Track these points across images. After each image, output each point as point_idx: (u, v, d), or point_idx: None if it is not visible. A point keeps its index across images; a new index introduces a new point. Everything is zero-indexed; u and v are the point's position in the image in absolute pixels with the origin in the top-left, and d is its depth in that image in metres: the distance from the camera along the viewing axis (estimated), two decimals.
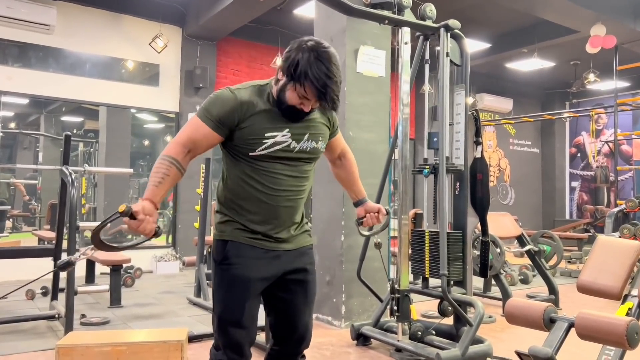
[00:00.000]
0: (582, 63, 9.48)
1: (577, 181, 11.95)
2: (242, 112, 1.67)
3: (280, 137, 1.70)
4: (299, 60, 1.64)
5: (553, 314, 2.10)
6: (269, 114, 1.70)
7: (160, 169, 1.62)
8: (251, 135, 1.68)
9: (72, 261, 1.86)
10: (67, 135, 3.82)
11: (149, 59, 7.08)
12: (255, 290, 1.75)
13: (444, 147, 3.16)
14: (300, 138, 1.74)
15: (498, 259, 4.41)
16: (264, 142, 1.68)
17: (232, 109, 1.67)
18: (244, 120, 1.67)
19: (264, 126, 1.69)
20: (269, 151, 1.69)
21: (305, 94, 1.65)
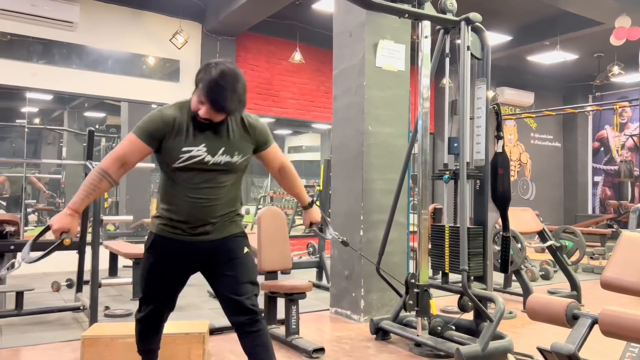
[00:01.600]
0: (606, 55, 9.29)
1: (600, 176, 11.75)
2: (166, 128, 1.96)
3: (195, 152, 1.97)
4: (203, 71, 1.96)
5: (576, 310, 2.08)
6: (188, 129, 1.98)
7: (92, 181, 1.95)
8: (172, 149, 1.97)
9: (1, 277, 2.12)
10: (90, 131, 3.89)
11: (170, 54, 7.15)
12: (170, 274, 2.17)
13: (465, 152, 3.12)
14: (215, 152, 1.99)
15: (519, 255, 4.37)
16: (181, 157, 1.96)
17: (158, 126, 1.96)
18: (167, 135, 1.96)
19: (182, 141, 1.97)
20: (186, 164, 1.97)
21: (202, 99, 1.92)
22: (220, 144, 2.01)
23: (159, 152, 2.00)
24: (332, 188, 4.50)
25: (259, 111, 8.02)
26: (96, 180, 1.95)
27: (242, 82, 1.97)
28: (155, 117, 1.99)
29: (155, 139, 1.97)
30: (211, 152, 1.99)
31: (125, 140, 1.99)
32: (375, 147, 3.99)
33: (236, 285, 2.08)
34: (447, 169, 3.33)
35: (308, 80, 8.42)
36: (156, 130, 1.97)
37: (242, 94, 1.96)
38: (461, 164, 3.12)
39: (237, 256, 2.12)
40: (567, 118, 11.74)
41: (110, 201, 9.88)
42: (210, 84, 1.89)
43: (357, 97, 4.03)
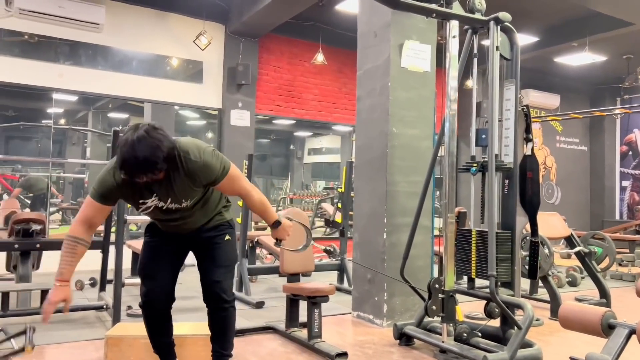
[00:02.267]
0: (636, 57, 9.06)
1: (628, 180, 11.46)
2: (118, 191, 2.15)
3: (150, 202, 2.20)
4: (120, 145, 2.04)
5: (612, 319, 2.00)
6: (137, 187, 2.14)
7: (69, 250, 2.15)
8: (130, 202, 2.27)
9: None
10: (115, 131, 3.91)
11: (193, 56, 7.19)
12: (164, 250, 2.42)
13: (493, 144, 3.05)
14: (165, 200, 2.21)
15: (546, 260, 4.26)
16: (140, 207, 2.23)
17: (111, 190, 2.14)
18: (122, 195, 2.20)
19: (136, 196, 2.19)
20: (147, 212, 2.25)
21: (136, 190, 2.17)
22: (166, 195, 2.19)
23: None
24: (354, 189, 4.46)
25: (280, 112, 8.02)
26: (72, 248, 2.15)
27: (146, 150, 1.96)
28: (107, 182, 2.14)
29: (111, 199, 2.18)
30: (163, 200, 2.21)
31: (86, 205, 2.18)
32: (399, 149, 3.93)
33: (212, 269, 2.37)
34: (474, 161, 3.25)
35: (330, 81, 8.39)
36: (110, 194, 2.16)
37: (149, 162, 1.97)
38: (490, 155, 3.03)
39: (218, 242, 2.41)
40: (594, 121, 11.48)
41: None
42: (120, 164, 1.99)
43: (381, 98, 3.98)
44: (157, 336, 2.48)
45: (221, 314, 2.39)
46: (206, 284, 2.37)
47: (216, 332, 2.43)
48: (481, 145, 3.22)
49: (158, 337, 2.49)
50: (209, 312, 2.40)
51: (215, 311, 2.39)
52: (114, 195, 2.17)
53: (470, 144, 3.31)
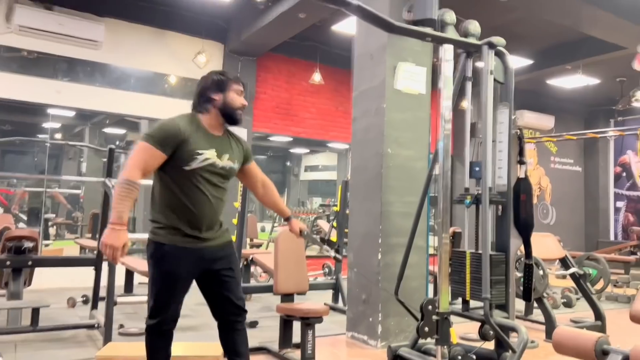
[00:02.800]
0: (629, 80, 9.17)
1: (622, 201, 11.51)
2: (181, 135, 2.16)
3: (207, 154, 2.22)
4: (213, 77, 2.33)
5: (605, 345, 2.00)
6: (199, 136, 2.21)
7: (127, 193, 2.08)
8: (186, 153, 2.17)
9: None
10: (111, 149, 3.92)
11: (191, 74, 7.23)
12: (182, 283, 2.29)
13: (487, 177, 3.06)
14: (223, 157, 2.27)
15: (541, 282, 4.26)
16: (196, 158, 2.19)
17: (174, 132, 2.15)
18: (180, 142, 2.16)
19: (197, 145, 2.19)
20: (199, 166, 2.20)
21: (240, 88, 2.34)
22: (225, 150, 2.30)
23: (171, 158, 2.17)
24: (349, 209, 4.46)
25: (277, 130, 8.06)
26: (129, 192, 2.08)
27: None
28: (168, 125, 2.18)
29: (169, 145, 2.15)
30: (219, 156, 2.26)
31: (140, 150, 2.14)
32: (394, 170, 3.95)
33: (236, 287, 2.41)
34: (468, 193, 3.26)
35: (327, 100, 8.45)
36: (170, 138, 2.15)
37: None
38: (483, 188, 3.05)
39: (235, 262, 2.46)
40: (588, 142, 11.56)
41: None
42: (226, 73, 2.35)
43: (376, 119, 4.02)
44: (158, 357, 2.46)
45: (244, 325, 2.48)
46: (231, 302, 2.39)
47: (243, 349, 2.46)
48: (475, 177, 3.24)
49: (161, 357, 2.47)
50: (230, 329, 2.43)
51: (241, 322, 2.45)
52: (174, 139, 2.14)
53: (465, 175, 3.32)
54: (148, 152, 2.13)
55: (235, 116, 2.32)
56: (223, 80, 2.31)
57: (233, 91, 2.31)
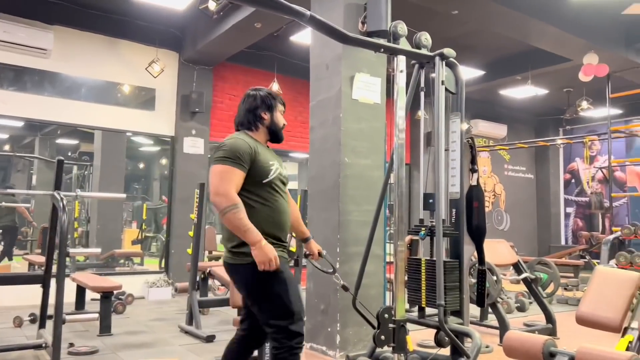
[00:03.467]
0: (576, 90, 9.59)
1: (572, 207, 11.97)
2: (252, 150, 2.30)
3: (276, 165, 2.38)
4: (262, 96, 2.51)
5: (552, 347, 2.05)
6: (262, 149, 2.38)
7: (242, 215, 2.18)
8: (261, 166, 2.31)
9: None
10: (59, 160, 3.78)
11: (145, 83, 7.10)
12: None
13: (440, 209, 3.08)
14: (281, 165, 2.45)
15: (495, 287, 4.36)
16: (270, 169, 2.34)
17: (246, 149, 2.29)
18: (255, 157, 2.30)
19: (266, 158, 2.35)
20: (274, 176, 2.35)
21: (283, 108, 2.57)
22: (279, 161, 2.47)
23: (248, 175, 2.28)
24: (308, 219, 4.46)
25: None
26: (241, 214, 2.18)
27: None
28: (239, 144, 2.30)
29: (246, 162, 2.27)
30: (280, 165, 2.44)
31: (223, 174, 2.23)
32: (351, 179, 3.98)
33: None
34: (423, 225, 3.31)
35: (286, 110, 8.43)
36: (244, 155, 2.28)
37: None
38: (437, 220, 3.06)
39: None
40: (539, 150, 12.00)
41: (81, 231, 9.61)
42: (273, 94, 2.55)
43: (333, 128, 4.04)
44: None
45: None
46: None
47: None
48: (429, 209, 3.29)
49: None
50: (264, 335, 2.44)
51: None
52: (249, 156, 2.28)
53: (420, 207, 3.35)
54: (231, 173, 2.23)
55: (280, 135, 2.52)
56: (271, 100, 2.49)
57: (279, 111, 2.51)
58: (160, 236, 9.98)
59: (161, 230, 10.57)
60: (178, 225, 7.19)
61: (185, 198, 7.12)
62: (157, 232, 11.01)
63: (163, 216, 10.45)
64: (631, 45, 7.23)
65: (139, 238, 10.32)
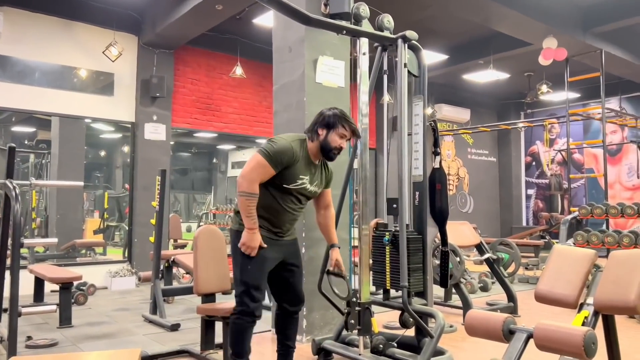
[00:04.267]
0: (536, 74, 9.79)
1: (532, 189, 12.30)
2: (291, 159, 2.56)
3: (304, 180, 2.64)
4: (328, 114, 2.72)
5: (512, 325, 2.09)
6: (303, 162, 2.63)
7: (253, 205, 2.52)
8: (291, 175, 2.58)
9: None
10: (10, 147, 3.62)
11: (103, 67, 6.86)
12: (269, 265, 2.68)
13: (404, 214, 3.08)
14: (312, 183, 2.69)
15: (458, 268, 4.44)
16: (297, 182, 2.62)
17: (290, 156, 2.55)
18: (290, 165, 2.57)
19: (299, 171, 2.61)
20: (296, 188, 2.62)
21: (345, 133, 2.70)
22: (316, 178, 2.73)
23: (276, 174, 2.56)
24: None
25: (199, 126, 7.84)
26: (253, 203, 2.51)
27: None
28: (286, 149, 2.55)
29: (281, 165, 2.54)
30: (311, 182, 2.67)
31: (257, 165, 2.52)
32: None
33: (301, 277, 2.88)
34: (387, 229, 3.31)
35: (250, 95, 8.33)
36: (285, 159, 2.54)
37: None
38: (400, 226, 3.06)
39: (300, 258, 2.91)
40: (501, 134, 12.25)
41: (39, 221, 9.30)
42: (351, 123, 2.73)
43: (298, 113, 3.99)
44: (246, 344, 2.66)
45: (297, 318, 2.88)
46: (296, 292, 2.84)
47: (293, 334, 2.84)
48: (393, 214, 3.30)
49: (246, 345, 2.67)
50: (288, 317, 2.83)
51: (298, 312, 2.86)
52: (288, 161, 2.55)
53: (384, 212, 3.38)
54: (264, 168, 2.52)
55: (329, 155, 2.70)
56: (333, 121, 2.68)
57: (336, 134, 2.67)
58: (124, 225, 9.76)
59: (124, 219, 10.34)
60: (140, 213, 7.04)
61: (147, 185, 6.96)
62: (121, 221, 10.76)
63: (126, 205, 10.20)
64: (589, 29, 7.41)
65: (101, 227, 10.07)
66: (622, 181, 10.64)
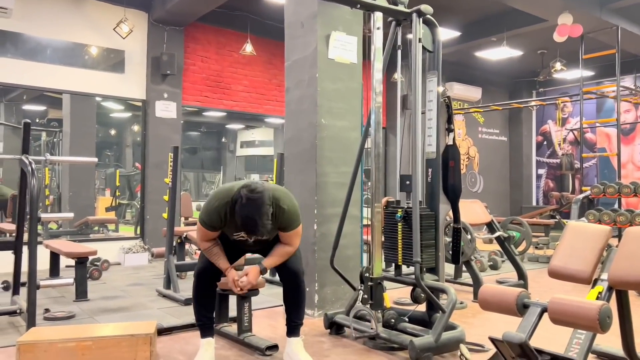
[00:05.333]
0: (549, 52, 9.64)
1: (543, 169, 12.22)
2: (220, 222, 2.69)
3: (239, 237, 2.74)
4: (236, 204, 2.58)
5: (526, 299, 2.11)
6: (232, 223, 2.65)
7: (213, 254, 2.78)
8: (228, 231, 2.75)
9: None
10: (26, 123, 3.65)
11: (114, 44, 6.85)
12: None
13: (417, 190, 3.07)
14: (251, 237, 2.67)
15: (469, 246, 4.45)
16: (234, 236, 2.77)
17: (215, 220, 2.68)
18: (223, 225, 2.71)
19: (233, 229, 2.72)
20: (237, 239, 2.77)
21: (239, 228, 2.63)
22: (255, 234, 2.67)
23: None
24: (285, 182, 4.43)
25: (209, 104, 7.84)
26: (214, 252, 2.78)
27: (266, 210, 2.54)
28: (211, 214, 2.68)
29: (217, 225, 2.70)
30: (249, 237, 2.67)
31: (198, 229, 2.77)
32: (328, 140, 3.95)
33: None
34: (399, 206, 3.31)
35: (260, 72, 8.29)
36: (215, 223, 2.70)
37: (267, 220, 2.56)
38: (414, 202, 3.06)
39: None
40: (513, 113, 12.12)
41: (52, 198, 9.41)
42: (243, 219, 2.54)
43: (309, 89, 3.98)
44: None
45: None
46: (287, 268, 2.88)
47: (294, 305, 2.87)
48: (405, 191, 3.29)
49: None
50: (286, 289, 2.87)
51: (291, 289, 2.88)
52: (217, 224, 2.69)
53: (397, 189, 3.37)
54: (204, 232, 2.74)
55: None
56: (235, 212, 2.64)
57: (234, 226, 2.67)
58: (135, 203, 9.85)
59: (135, 197, 10.43)
60: (152, 191, 7.09)
61: (158, 163, 7.00)
62: (132, 199, 10.86)
63: (137, 183, 10.29)
64: (605, 5, 7.26)
65: (112, 205, 10.17)
66: (634, 161, 10.53)
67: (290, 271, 2.82)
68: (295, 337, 2.82)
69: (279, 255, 2.82)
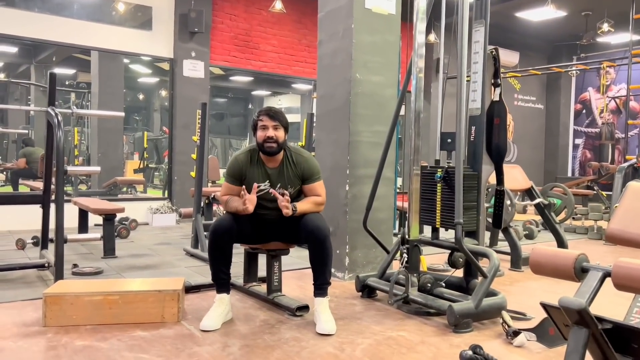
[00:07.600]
0: (594, 13, 9.08)
1: (580, 138, 11.74)
2: (241, 170, 2.82)
3: (262, 186, 2.77)
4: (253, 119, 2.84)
5: (585, 262, 1.91)
6: (257, 169, 2.81)
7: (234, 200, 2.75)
8: (248, 184, 2.75)
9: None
10: (51, 74, 3.55)
11: (141, 0, 6.68)
12: None
13: (461, 150, 2.85)
14: (275, 186, 2.79)
15: (509, 212, 4.23)
16: (257, 192, 2.73)
17: (237, 168, 2.82)
18: (245, 175, 2.82)
19: (255, 178, 2.79)
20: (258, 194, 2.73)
21: (263, 123, 2.74)
22: (278, 180, 2.80)
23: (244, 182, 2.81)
24: (316, 141, 4.27)
25: (236, 64, 7.65)
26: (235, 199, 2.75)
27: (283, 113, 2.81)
28: (233, 162, 2.83)
29: (239, 177, 2.81)
30: (274, 185, 2.78)
31: (223, 186, 2.87)
32: (362, 97, 3.74)
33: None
34: (439, 166, 3.10)
35: (289, 32, 8.03)
36: (236, 173, 2.81)
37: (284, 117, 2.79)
38: (457, 161, 2.85)
39: None
40: (551, 79, 11.60)
41: (82, 159, 9.48)
42: (262, 110, 2.79)
43: (344, 41, 3.75)
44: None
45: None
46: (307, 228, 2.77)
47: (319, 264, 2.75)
48: (446, 150, 3.08)
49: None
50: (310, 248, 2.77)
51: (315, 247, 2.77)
52: (239, 173, 2.79)
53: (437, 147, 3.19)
54: (226, 186, 2.84)
55: (264, 149, 2.74)
56: (254, 122, 2.81)
57: (259, 128, 2.75)
58: (163, 167, 9.86)
59: (162, 162, 10.43)
60: (180, 151, 7.02)
61: (186, 124, 6.90)
62: (159, 163, 10.89)
63: (164, 148, 10.27)
64: None
65: (140, 167, 10.20)
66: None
67: (315, 229, 2.69)
68: (321, 297, 2.72)
69: (311, 202, 2.79)
